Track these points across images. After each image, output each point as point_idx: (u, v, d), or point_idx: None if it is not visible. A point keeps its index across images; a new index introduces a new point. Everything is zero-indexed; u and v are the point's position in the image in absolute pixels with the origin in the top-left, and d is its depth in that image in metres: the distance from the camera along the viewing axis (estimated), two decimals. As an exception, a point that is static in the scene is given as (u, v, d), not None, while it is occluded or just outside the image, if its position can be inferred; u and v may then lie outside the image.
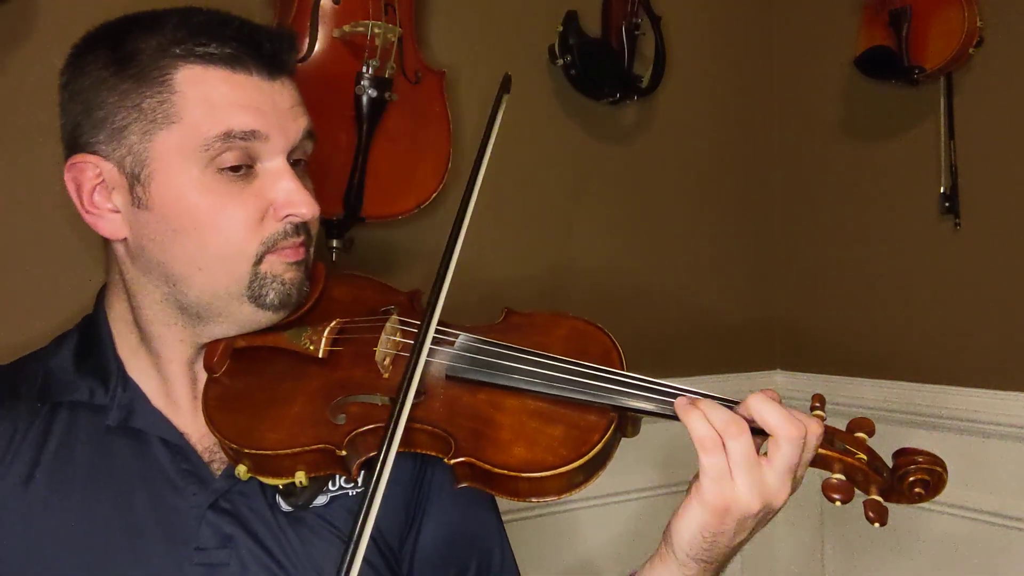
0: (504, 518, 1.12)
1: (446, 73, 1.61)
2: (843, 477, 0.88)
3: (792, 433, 0.85)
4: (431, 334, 0.92)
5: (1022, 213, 1.81)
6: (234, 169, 0.91)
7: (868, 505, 0.86)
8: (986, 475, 1.85)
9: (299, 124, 0.95)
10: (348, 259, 1.57)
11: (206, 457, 0.97)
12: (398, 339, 0.97)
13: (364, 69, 1.46)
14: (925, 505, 2.08)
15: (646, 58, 1.93)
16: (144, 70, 0.90)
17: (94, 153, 0.92)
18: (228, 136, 0.89)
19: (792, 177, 2.24)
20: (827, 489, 0.86)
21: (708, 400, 0.88)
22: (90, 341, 1.01)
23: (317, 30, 1.45)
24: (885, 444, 0.93)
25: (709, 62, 2.15)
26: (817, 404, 0.94)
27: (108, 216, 0.94)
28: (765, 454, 0.86)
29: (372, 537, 0.97)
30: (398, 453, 0.88)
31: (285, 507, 0.96)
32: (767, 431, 0.85)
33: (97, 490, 0.93)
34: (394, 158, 1.53)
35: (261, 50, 0.92)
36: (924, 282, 1.98)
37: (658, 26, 1.93)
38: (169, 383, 0.99)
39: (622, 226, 2.02)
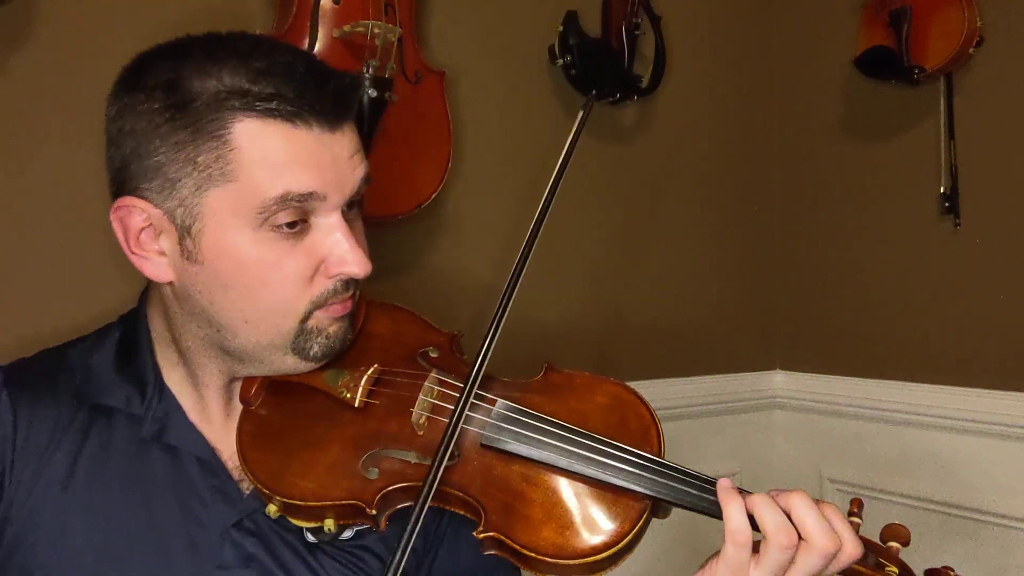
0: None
1: (446, 73, 1.61)
2: None
3: (828, 549, 0.83)
4: (470, 401, 0.90)
5: (1022, 213, 1.81)
6: (289, 225, 0.88)
7: None
8: (986, 475, 1.85)
9: (357, 174, 0.92)
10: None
11: (236, 475, 0.96)
12: (435, 400, 0.95)
13: (364, 69, 1.46)
14: (926, 504, 2.08)
15: (646, 58, 1.93)
16: (200, 120, 0.85)
17: (143, 198, 0.89)
18: (286, 199, 0.86)
19: (792, 177, 2.24)
20: None
21: (763, 497, 0.86)
22: (131, 344, 1.00)
23: (317, 30, 1.45)
24: (881, 448, 0.92)
25: (709, 62, 2.15)
26: (855, 510, 0.91)
27: (155, 259, 0.91)
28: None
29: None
30: (431, 507, 0.87)
31: (311, 539, 0.96)
32: (800, 534, 0.84)
33: (130, 498, 0.93)
34: (394, 158, 1.53)
35: (323, 101, 0.87)
36: (924, 282, 1.98)
37: (658, 26, 1.93)
38: (204, 400, 0.99)
39: (622, 226, 2.01)
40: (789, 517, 0.84)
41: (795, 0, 2.22)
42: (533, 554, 0.85)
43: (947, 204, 1.90)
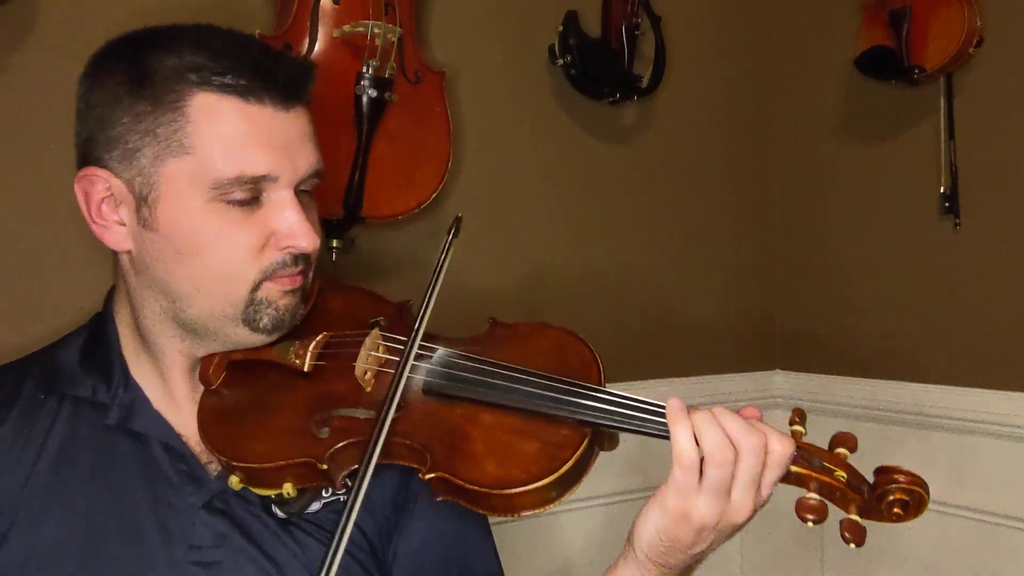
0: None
1: (446, 73, 1.61)
2: (818, 497, 0.87)
3: (753, 444, 0.86)
4: (415, 351, 0.94)
5: (1022, 213, 1.81)
6: (241, 203, 0.93)
7: (844, 525, 0.86)
8: (987, 476, 1.85)
9: (308, 159, 0.96)
10: (348, 259, 1.57)
11: (203, 459, 0.98)
12: (380, 354, 0.98)
13: (364, 69, 1.46)
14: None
15: (646, 58, 1.93)
16: (159, 93, 0.91)
17: (105, 168, 0.94)
18: (240, 180, 0.91)
19: (792, 177, 2.24)
20: (800, 509, 0.86)
21: (704, 414, 0.88)
22: (97, 339, 1.03)
23: (317, 30, 1.45)
24: (883, 448, 0.92)
25: (709, 62, 2.15)
26: (796, 419, 0.93)
27: (114, 228, 0.96)
28: None
29: (364, 535, 0.99)
30: (382, 464, 0.89)
31: (280, 514, 0.98)
32: (735, 447, 0.86)
33: (97, 488, 0.95)
34: (394, 158, 1.53)
35: (276, 80, 0.92)
36: (924, 282, 1.98)
37: (658, 26, 1.93)
38: (170, 385, 1.01)
39: (622, 226, 2.01)
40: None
41: (795, 0, 2.22)
42: (477, 487, 0.86)
43: (947, 204, 1.90)
